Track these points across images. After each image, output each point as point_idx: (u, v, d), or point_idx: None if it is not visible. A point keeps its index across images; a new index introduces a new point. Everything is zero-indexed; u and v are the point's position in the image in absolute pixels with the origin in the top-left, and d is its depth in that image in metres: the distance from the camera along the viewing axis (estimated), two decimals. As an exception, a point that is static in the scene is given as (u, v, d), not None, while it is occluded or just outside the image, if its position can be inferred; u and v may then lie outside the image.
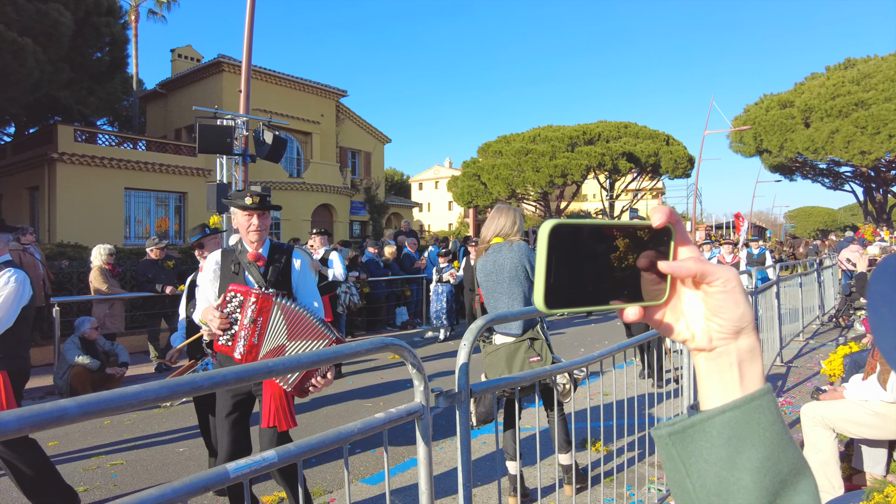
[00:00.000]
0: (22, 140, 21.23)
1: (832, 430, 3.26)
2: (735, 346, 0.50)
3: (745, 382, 0.50)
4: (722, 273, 0.49)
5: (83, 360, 6.06)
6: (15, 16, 14.07)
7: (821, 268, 10.97)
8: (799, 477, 0.47)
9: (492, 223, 3.49)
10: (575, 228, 0.47)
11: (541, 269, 0.46)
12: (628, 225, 0.49)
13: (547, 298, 0.45)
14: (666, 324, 0.52)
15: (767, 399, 0.49)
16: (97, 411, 0.84)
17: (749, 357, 0.50)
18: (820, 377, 5.99)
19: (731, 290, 0.49)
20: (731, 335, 0.50)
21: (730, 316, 0.49)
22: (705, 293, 0.50)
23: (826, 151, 27.24)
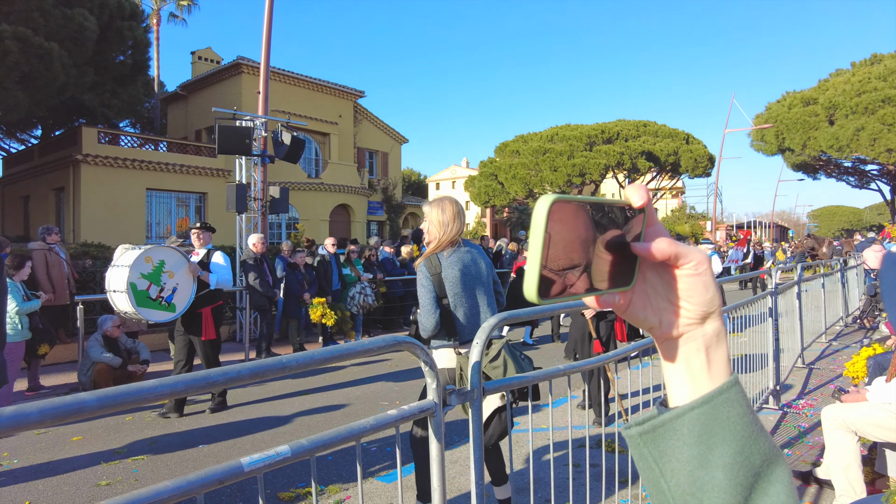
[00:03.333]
0: (48, 142, 21.72)
1: (854, 434, 3.20)
2: (701, 332, 0.48)
3: (712, 368, 0.48)
4: (694, 255, 0.47)
5: (106, 358, 6.18)
6: (42, 21, 14.40)
7: (845, 268, 10.75)
8: (772, 466, 0.46)
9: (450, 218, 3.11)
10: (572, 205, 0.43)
11: (535, 253, 0.41)
12: (614, 203, 0.46)
13: (540, 288, 0.41)
14: (632, 310, 0.50)
15: (735, 391, 0.47)
16: (114, 404, 0.87)
17: (715, 342, 0.49)
18: (843, 379, 5.88)
19: (703, 272, 0.47)
20: (699, 320, 0.48)
21: (699, 300, 0.47)
22: (674, 276, 0.48)
23: (851, 149, 26.67)
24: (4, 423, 0.74)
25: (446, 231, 3.11)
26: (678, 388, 0.50)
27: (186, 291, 5.36)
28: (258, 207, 10.78)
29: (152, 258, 5.16)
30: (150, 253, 5.19)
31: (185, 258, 5.40)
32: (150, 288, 5.12)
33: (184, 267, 5.34)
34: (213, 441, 4.81)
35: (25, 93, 14.78)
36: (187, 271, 5.37)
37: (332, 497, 3.65)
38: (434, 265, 3.08)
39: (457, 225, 3.15)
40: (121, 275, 5.03)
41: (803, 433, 4.60)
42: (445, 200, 3.18)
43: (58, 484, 3.94)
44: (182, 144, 21.44)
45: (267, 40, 10.94)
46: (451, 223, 3.12)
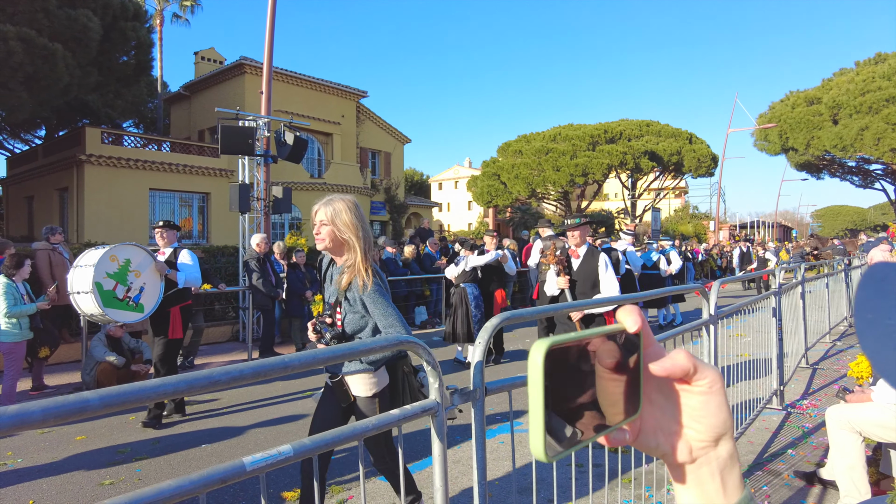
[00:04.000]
0: (52, 143, 21.79)
1: (859, 434, 3.18)
2: (715, 454, 0.46)
3: (727, 492, 0.47)
4: (709, 372, 0.45)
5: (110, 358, 6.20)
6: (46, 22, 14.45)
7: (849, 268, 10.72)
8: None
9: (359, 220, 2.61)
10: (566, 346, 0.40)
11: (538, 410, 0.38)
12: (606, 332, 0.43)
13: (548, 445, 0.38)
14: (643, 439, 0.47)
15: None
16: (117, 403, 0.87)
17: (730, 464, 0.47)
18: (847, 379, 5.86)
19: (717, 391, 0.45)
20: (712, 442, 0.46)
21: (711, 421, 0.45)
22: (685, 396, 0.46)
23: (855, 149, 26.59)
24: (8, 423, 0.74)
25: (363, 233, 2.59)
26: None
27: (154, 291, 5.19)
28: (261, 207, 10.79)
29: (117, 257, 4.96)
30: (115, 251, 4.98)
31: (151, 257, 5.24)
32: (116, 288, 4.91)
33: (150, 266, 5.17)
34: (216, 441, 4.81)
35: (29, 93, 14.83)
36: (154, 270, 5.19)
37: (335, 497, 3.65)
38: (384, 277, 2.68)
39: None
40: (85, 275, 4.82)
41: (807, 433, 4.58)
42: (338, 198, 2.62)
43: (61, 483, 3.95)
44: (185, 144, 21.49)
45: (270, 40, 10.96)
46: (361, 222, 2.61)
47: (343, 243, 2.59)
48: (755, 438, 4.48)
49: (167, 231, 5.66)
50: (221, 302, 10.31)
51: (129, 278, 5.00)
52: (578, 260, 4.84)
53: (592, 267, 4.74)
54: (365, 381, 2.57)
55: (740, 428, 4.30)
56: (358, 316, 2.56)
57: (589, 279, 4.74)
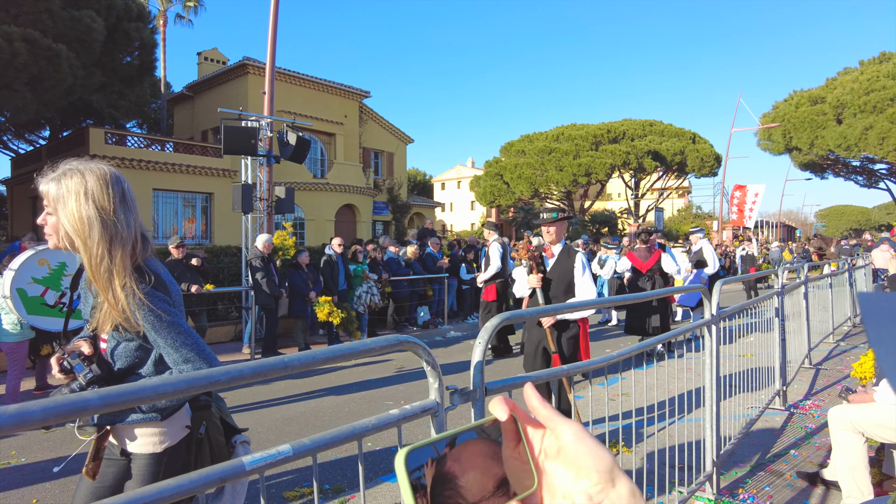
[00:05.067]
0: (56, 143, 21.88)
1: (861, 435, 3.18)
2: (616, 496, 0.49)
3: None
4: (568, 424, 0.49)
5: (113, 357, 6.21)
6: (50, 23, 14.51)
7: (853, 268, 10.68)
8: None
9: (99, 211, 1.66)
10: (425, 449, 0.43)
11: (409, 503, 0.41)
12: (475, 427, 0.47)
13: None
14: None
15: None
16: (118, 403, 0.88)
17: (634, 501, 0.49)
18: (850, 380, 5.84)
19: (582, 437, 0.49)
20: (607, 483, 0.48)
21: (592, 465, 0.48)
22: (562, 452, 0.49)
23: (859, 148, 26.51)
24: (8, 422, 0.75)
25: (109, 230, 1.66)
26: None
27: None
28: (264, 207, 10.81)
29: (48, 261, 4.64)
30: (46, 255, 4.67)
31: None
32: (45, 294, 4.60)
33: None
34: (218, 440, 4.83)
35: (34, 94, 14.89)
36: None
37: (337, 497, 3.65)
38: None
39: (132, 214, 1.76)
40: (5, 280, 4.54)
41: (810, 434, 4.57)
42: (75, 170, 1.69)
43: (64, 482, 3.97)
44: (188, 145, 21.55)
45: (272, 41, 10.98)
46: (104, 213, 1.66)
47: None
48: (758, 439, 4.47)
49: None
50: (224, 302, 10.34)
51: (63, 283, 4.65)
52: (553, 259, 4.37)
53: (568, 267, 4.27)
54: (148, 432, 1.76)
55: (743, 427, 4.30)
56: (133, 346, 1.73)
57: (563, 281, 4.26)
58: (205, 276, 8.26)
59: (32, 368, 6.68)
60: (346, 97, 26.31)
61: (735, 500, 3.43)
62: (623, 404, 5.13)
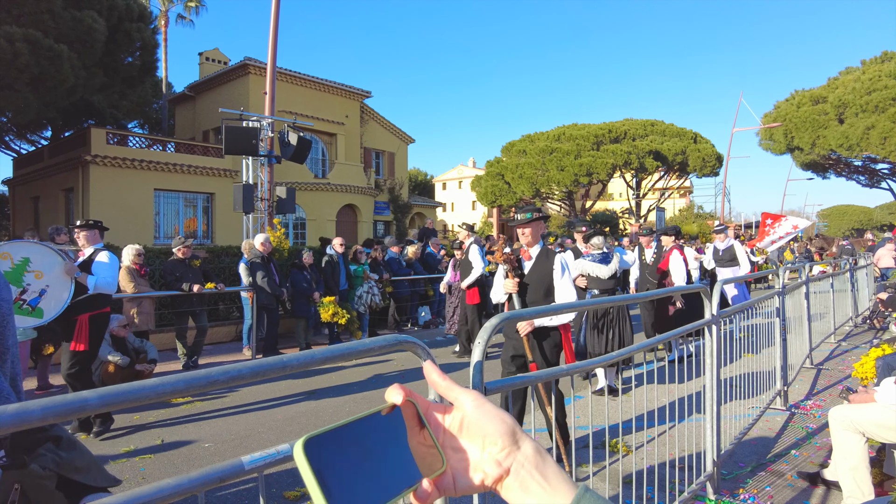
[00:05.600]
0: (58, 143, 21.92)
1: (862, 435, 3.17)
2: (523, 456, 0.51)
3: (552, 485, 0.51)
4: (463, 391, 0.52)
5: (113, 358, 6.23)
6: (52, 24, 14.54)
7: (854, 268, 10.67)
8: None
9: None
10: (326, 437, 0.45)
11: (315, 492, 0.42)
12: (374, 414, 0.48)
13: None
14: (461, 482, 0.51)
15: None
16: (116, 402, 0.88)
17: (541, 460, 0.51)
18: (851, 380, 5.83)
19: (482, 404, 0.51)
20: (512, 445, 0.51)
21: (495, 430, 0.50)
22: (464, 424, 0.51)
23: (861, 148, 26.47)
24: (8, 421, 0.75)
25: None
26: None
27: (60, 295, 4.65)
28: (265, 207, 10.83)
29: (11, 255, 4.50)
30: (9, 249, 4.54)
31: (61, 257, 4.76)
32: None
33: (58, 267, 4.66)
34: (219, 441, 4.84)
35: (35, 94, 14.93)
36: (63, 272, 4.69)
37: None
38: None
39: None
40: None
41: (811, 434, 4.57)
42: None
43: (66, 482, 3.97)
44: (190, 145, 21.58)
45: (273, 41, 11.00)
46: None
47: None
48: (759, 439, 4.47)
49: (89, 232, 5.25)
50: (225, 302, 10.35)
51: (25, 279, 4.52)
52: (531, 262, 4.14)
53: (547, 270, 4.05)
54: None
55: (744, 427, 4.30)
56: None
57: (542, 284, 4.04)
58: (206, 275, 8.27)
59: (34, 368, 6.70)
60: (347, 97, 26.32)
61: (736, 500, 3.43)
62: (623, 405, 5.13)
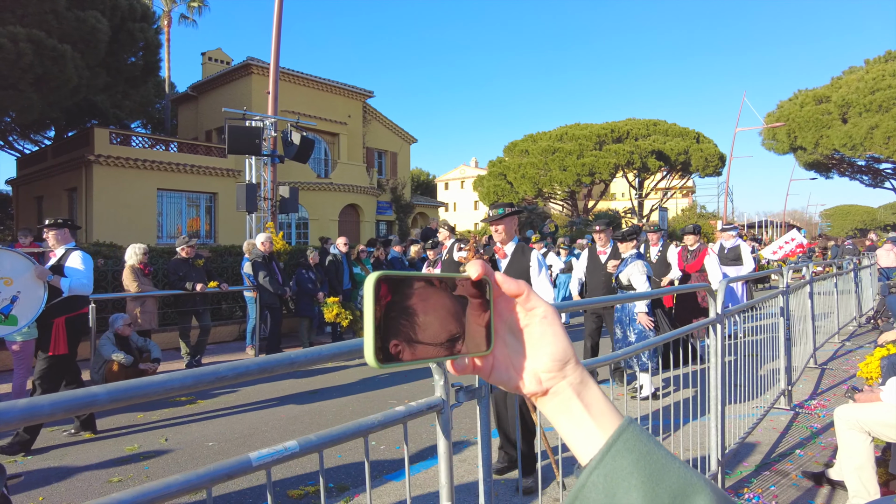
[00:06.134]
0: (61, 143, 21.97)
1: (867, 434, 3.16)
2: (567, 382, 0.51)
3: (593, 413, 0.51)
4: (542, 303, 0.51)
5: (117, 356, 6.24)
6: (56, 24, 14.57)
7: (858, 268, 10.63)
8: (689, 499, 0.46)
9: None
10: (399, 280, 0.47)
11: (369, 323, 0.45)
12: (449, 278, 0.50)
13: (377, 354, 0.45)
14: (496, 374, 0.52)
15: (623, 441, 0.48)
16: (125, 398, 0.88)
17: (584, 388, 0.51)
18: (856, 380, 5.82)
19: (551, 320, 0.51)
20: (558, 371, 0.51)
21: (551, 350, 0.50)
22: (526, 329, 0.51)
23: (865, 148, 26.40)
24: (18, 416, 0.75)
25: None
26: (577, 446, 0.52)
27: (34, 300, 4.54)
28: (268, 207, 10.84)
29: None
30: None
31: (30, 262, 4.60)
32: None
33: (28, 272, 4.53)
34: (223, 440, 4.84)
35: (39, 94, 14.96)
36: (34, 277, 4.56)
37: (341, 494, 3.66)
38: None
39: None
40: None
41: (815, 434, 4.55)
42: None
43: (70, 480, 3.98)
44: (192, 145, 21.61)
45: (276, 41, 11.00)
46: None
47: None
48: (763, 438, 4.45)
49: (58, 231, 5.04)
50: (228, 301, 10.36)
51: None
52: (506, 260, 3.97)
53: (523, 268, 3.90)
54: None
55: (748, 427, 4.28)
56: None
57: None
58: (209, 275, 8.27)
59: (38, 367, 6.70)
60: (349, 97, 26.33)
61: (740, 499, 3.42)
62: (628, 403, 5.12)
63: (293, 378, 7.00)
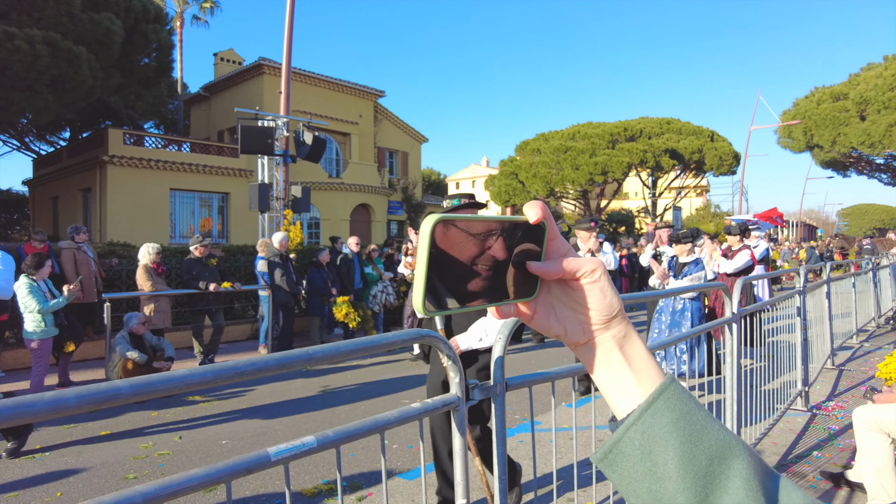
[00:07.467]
0: (76, 144, 22.24)
1: (887, 436, 3.11)
2: (610, 334, 0.51)
3: (634, 367, 0.50)
4: (587, 265, 0.50)
5: (132, 355, 6.30)
6: (71, 26, 14.75)
7: (877, 268, 10.48)
8: (727, 461, 0.46)
9: None
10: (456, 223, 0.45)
11: (422, 269, 0.44)
12: (507, 220, 0.48)
13: (427, 300, 0.44)
14: (538, 320, 0.52)
15: (664, 399, 0.48)
16: (148, 392, 0.88)
17: (626, 342, 0.51)
18: (875, 381, 5.73)
19: (598, 278, 0.50)
20: (603, 324, 0.50)
21: (598, 306, 0.50)
22: (572, 286, 0.51)
23: (884, 145, 26.02)
24: (45, 408, 0.76)
25: None
26: (614, 398, 0.51)
27: None
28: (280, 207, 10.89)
29: None
30: None
31: None
32: None
33: None
34: (236, 438, 4.87)
35: (55, 96, 15.15)
36: None
37: (354, 493, 3.67)
38: None
39: None
40: None
41: (833, 435, 4.49)
42: None
43: (87, 477, 4.03)
44: (205, 145, 21.78)
45: (288, 41, 11.05)
46: None
47: None
48: (779, 440, 4.40)
49: None
50: (241, 300, 10.43)
51: None
52: None
53: None
54: None
55: (764, 429, 4.24)
56: None
57: None
58: (223, 274, 8.33)
59: (55, 365, 6.80)
60: (360, 97, 26.40)
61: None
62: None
63: (305, 378, 7.04)
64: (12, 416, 0.75)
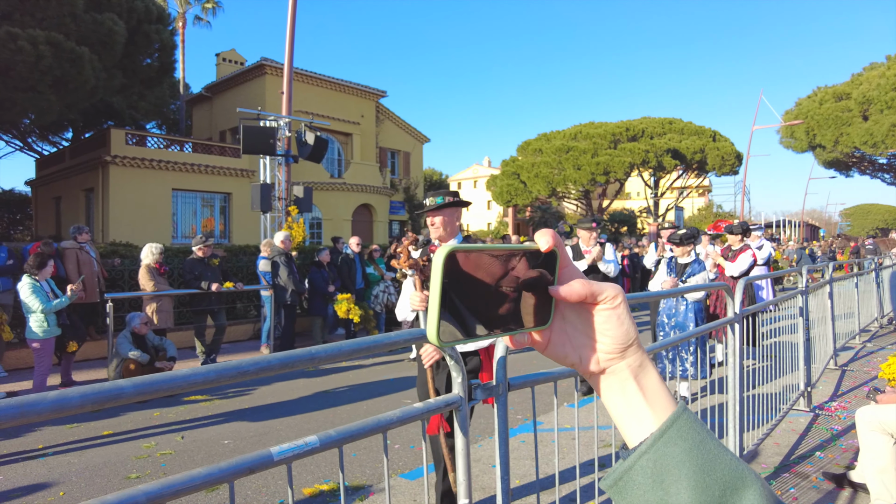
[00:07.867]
0: (78, 144, 22.27)
1: (891, 436, 3.10)
2: (625, 364, 0.50)
3: (648, 396, 0.50)
4: (611, 290, 0.49)
5: (134, 354, 6.32)
6: (74, 27, 14.79)
7: (880, 268, 10.45)
8: (740, 492, 0.45)
9: None
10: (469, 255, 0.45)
11: (435, 299, 0.44)
12: (519, 249, 0.48)
13: (441, 332, 0.44)
14: (552, 348, 0.52)
15: (677, 427, 0.48)
16: (151, 391, 0.88)
17: (642, 371, 0.51)
18: (878, 381, 5.72)
19: (617, 306, 0.49)
20: (618, 353, 0.50)
21: (614, 334, 0.49)
22: (590, 312, 0.50)
23: (887, 145, 25.96)
24: (48, 408, 0.76)
25: None
26: (626, 427, 0.51)
27: None
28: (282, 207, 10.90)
29: None
30: None
31: None
32: None
33: None
34: (238, 438, 4.88)
35: (57, 96, 15.18)
36: None
37: (355, 493, 3.67)
38: None
39: None
40: None
41: (836, 435, 4.48)
42: None
43: (90, 476, 4.04)
44: (207, 145, 21.80)
45: (290, 41, 11.07)
46: None
47: None
48: (781, 440, 4.39)
49: None
50: (243, 300, 10.44)
51: None
52: None
53: None
54: None
55: (765, 429, 4.23)
56: None
57: None
58: (225, 274, 8.34)
59: (58, 365, 6.81)
60: (362, 97, 26.41)
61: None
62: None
63: (307, 378, 7.04)
64: (16, 415, 0.75)
